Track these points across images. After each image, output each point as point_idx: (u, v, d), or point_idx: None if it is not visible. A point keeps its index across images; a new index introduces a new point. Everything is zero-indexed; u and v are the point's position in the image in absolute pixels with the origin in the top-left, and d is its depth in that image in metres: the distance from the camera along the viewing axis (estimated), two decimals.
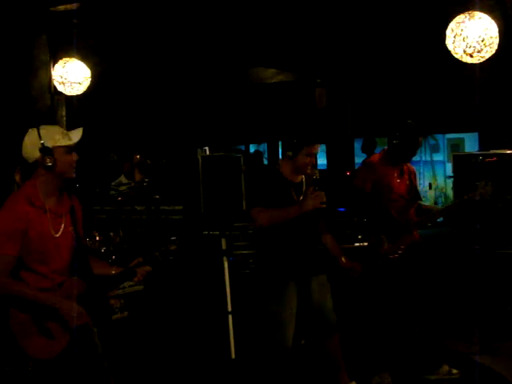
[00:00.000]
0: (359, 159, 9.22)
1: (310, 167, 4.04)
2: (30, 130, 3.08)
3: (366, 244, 5.50)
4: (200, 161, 6.95)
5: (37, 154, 3.00)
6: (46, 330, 2.96)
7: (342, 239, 5.27)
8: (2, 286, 2.93)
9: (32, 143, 3.02)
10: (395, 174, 4.81)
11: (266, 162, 10.86)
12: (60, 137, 3.03)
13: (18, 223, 2.94)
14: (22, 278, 3.00)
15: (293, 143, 4.04)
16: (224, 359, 4.97)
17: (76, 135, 3.09)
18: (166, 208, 6.49)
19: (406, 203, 4.80)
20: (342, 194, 7.03)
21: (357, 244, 5.51)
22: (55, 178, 3.04)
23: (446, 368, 4.76)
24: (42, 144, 2.99)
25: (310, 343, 5.29)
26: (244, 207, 7.09)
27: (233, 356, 4.96)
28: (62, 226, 3.09)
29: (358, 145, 9.36)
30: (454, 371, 4.76)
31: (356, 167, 8.94)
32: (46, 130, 3.06)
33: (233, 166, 7.13)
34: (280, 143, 10.89)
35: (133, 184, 6.87)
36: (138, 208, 6.38)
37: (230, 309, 5.06)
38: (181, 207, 6.44)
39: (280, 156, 10.88)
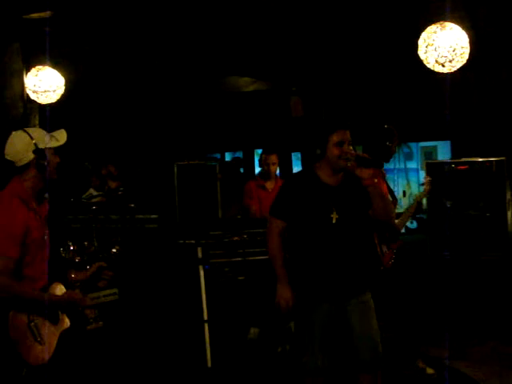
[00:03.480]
0: None
1: (343, 160, 3.48)
2: (14, 132, 3.10)
3: None
4: (175, 169, 6.96)
5: (30, 156, 3.03)
6: (40, 336, 3.00)
7: None
8: (4, 288, 2.94)
9: (25, 145, 3.04)
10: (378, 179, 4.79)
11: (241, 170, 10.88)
12: (48, 139, 3.08)
13: (20, 226, 2.96)
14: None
15: (318, 137, 3.59)
16: (200, 368, 4.96)
17: (62, 137, 3.13)
18: (141, 217, 6.46)
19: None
20: None
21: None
22: (43, 180, 3.08)
23: (420, 365, 4.81)
24: (36, 145, 3.03)
25: (287, 351, 5.33)
26: (220, 215, 7.10)
27: (209, 364, 4.95)
28: (45, 228, 3.16)
29: None
30: (430, 371, 4.82)
31: None
32: (35, 132, 3.10)
33: (208, 174, 7.14)
34: (255, 151, 10.93)
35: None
36: (113, 217, 6.34)
37: (206, 317, 5.06)
38: (156, 216, 6.41)
39: (256, 164, 10.93)
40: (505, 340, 5.74)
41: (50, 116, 6.02)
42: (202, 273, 5.15)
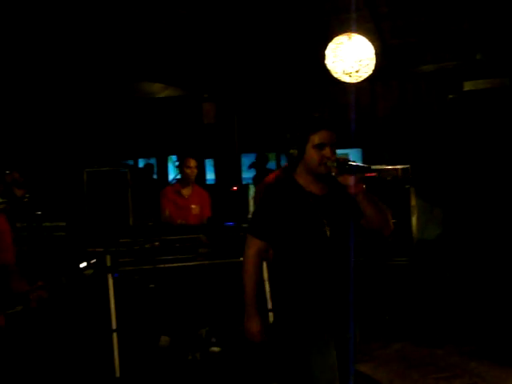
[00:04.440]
0: (246, 174, 9.35)
1: (323, 166, 2.99)
2: None
3: None
4: (85, 176, 6.82)
5: None
6: None
7: (229, 253, 5.33)
8: None
9: None
10: None
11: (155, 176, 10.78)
12: None
13: None
14: None
15: (296, 135, 3.05)
16: (108, 378, 4.87)
17: None
18: (49, 224, 6.28)
19: None
20: (229, 209, 7.11)
21: (242, 258, 5.57)
22: None
23: None
24: None
25: (197, 359, 5.31)
26: (131, 222, 7.01)
27: (117, 375, 4.86)
28: None
29: (246, 160, 9.50)
30: None
31: (244, 182, 9.05)
32: None
33: (119, 180, 7.04)
34: (169, 158, 10.86)
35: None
36: (19, 225, 6.14)
37: (114, 326, 4.97)
38: (64, 223, 6.25)
39: (169, 170, 10.86)
40: (409, 342, 5.93)
41: None
42: (110, 281, 5.05)
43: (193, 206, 6.16)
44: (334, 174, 2.99)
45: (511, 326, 5.77)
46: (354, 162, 2.96)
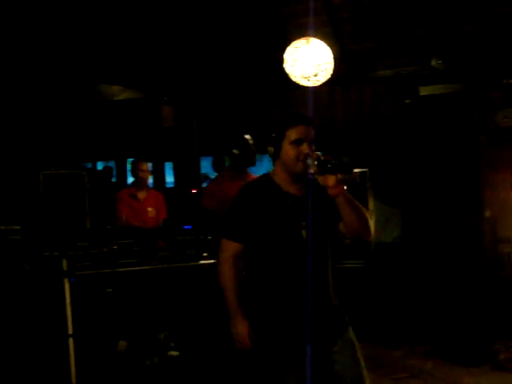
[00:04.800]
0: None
1: (301, 163, 2.81)
2: None
3: (212, 261, 5.58)
4: (41, 178, 6.72)
5: None
6: None
7: (187, 257, 5.31)
8: None
9: None
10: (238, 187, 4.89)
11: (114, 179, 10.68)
12: None
13: None
14: None
15: (272, 132, 2.89)
16: None
17: None
18: (3, 228, 6.16)
19: None
20: (188, 212, 7.09)
21: (202, 262, 5.55)
22: None
23: None
24: None
25: (155, 364, 5.26)
26: (88, 225, 6.93)
27: (73, 381, 4.80)
28: None
29: (205, 163, 9.47)
30: None
31: (203, 185, 9.04)
32: None
33: (76, 183, 6.97)
34: (128, 161, 10.76)
35: None
36: None
37: (70, 331, 4.90)
38: (19, 227, 6.14)
39: (128, 173, 10.76)
40: (368, 343, 5.99)
41: None
42: (66, 286, 4.98)
43: (149, 209, 6.17)
44: (313, 173, 2.78)
45: (465, 326, 5.88)
46: (335, 160, 2.75)
